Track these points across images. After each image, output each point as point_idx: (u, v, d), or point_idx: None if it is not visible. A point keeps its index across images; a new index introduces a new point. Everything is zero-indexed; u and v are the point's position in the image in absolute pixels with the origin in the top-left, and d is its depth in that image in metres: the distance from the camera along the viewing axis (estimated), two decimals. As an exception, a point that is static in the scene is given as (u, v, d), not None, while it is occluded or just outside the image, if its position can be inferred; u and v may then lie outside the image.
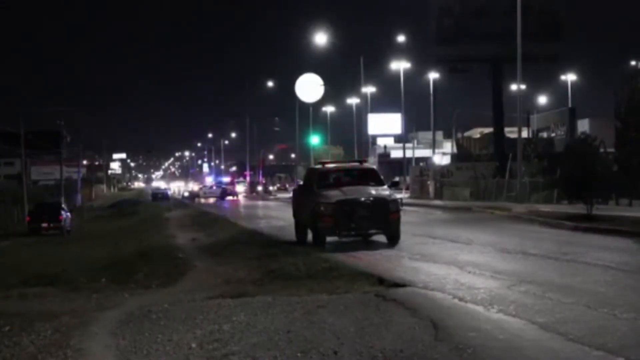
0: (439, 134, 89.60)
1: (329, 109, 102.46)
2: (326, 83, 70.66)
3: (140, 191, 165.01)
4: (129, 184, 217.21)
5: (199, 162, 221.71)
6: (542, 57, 57.92)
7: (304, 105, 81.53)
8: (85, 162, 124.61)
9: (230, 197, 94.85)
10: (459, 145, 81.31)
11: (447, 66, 65.08)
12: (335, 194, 21.59)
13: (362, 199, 21.45)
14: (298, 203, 25.12)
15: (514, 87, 62.93)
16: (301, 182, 28.45)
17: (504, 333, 9.59)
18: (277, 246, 22.67)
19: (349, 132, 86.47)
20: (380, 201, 21.41)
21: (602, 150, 30.22)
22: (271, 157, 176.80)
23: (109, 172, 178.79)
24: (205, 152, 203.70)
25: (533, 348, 8.91)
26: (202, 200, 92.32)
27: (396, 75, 72.22)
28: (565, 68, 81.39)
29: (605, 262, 15.96)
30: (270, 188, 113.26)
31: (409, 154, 78.29)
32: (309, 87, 70.39)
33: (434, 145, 78.43)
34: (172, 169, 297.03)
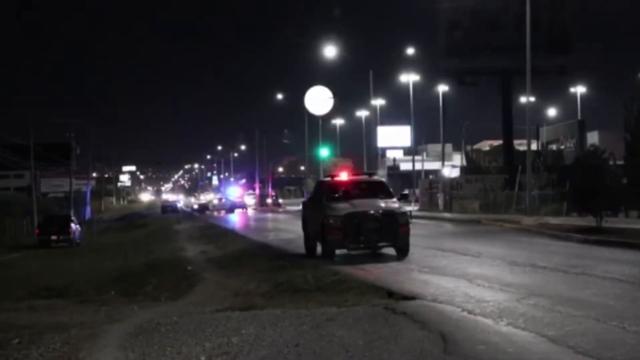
0: (448, 147, 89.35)
1: (339, 121, 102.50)
2: (335, 96, 70.85)
3: (150, 203, 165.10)
4: (137, 196, 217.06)
5: (209, 174, 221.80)
6: (552, 69, 58.04)
7: (313, 118, 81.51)
8: (94, 174, 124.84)
9: (239, 210, 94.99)
10: (468, 158, 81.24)
11: (456, 79, 65.18)
12: (344, 207, 21.56)
13: (371, 211, 21.40)
14: (307, 215, 25.10)
15: (523, 99, 62.93)
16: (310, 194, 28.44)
17: (513, 346, 9.56)
18: (285, 259, 22.70)
19: (359, 144, 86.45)
20: (389, 214, 21.38)
21: (611, 162, 30.10)
22: (280, 169, 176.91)
23: (119, 184, 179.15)
24: (215, 165, 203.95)
25: (542, 361, 8.90)
26: (215, 213, 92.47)
27: (405, 88, 72.17)
28: (574, 80, 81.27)
29: (614, 275, 15.90)
30: (280, 201, 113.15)
31: (418, 166, 78.13)
32: (318, 100, 70.66)
33: (443, 157, 78.25)
34: (182, 181, 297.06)
